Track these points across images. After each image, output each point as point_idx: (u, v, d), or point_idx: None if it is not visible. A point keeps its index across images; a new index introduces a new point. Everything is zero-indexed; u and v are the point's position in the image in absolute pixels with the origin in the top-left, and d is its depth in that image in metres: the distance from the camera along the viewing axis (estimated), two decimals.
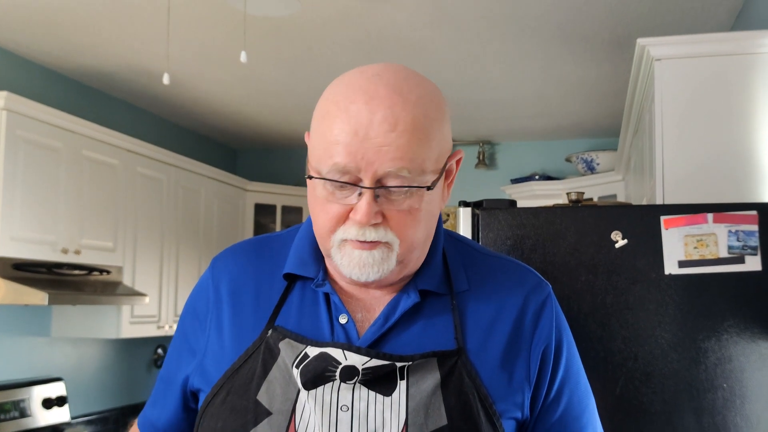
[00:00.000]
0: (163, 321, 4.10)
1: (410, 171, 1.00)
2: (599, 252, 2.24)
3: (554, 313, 1.15)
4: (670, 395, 2.16)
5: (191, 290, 1.22)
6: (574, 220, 2.28)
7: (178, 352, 1.18)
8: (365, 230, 1.02)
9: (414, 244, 1.06)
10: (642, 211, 2.27)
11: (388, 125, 0.98)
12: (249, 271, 1.15)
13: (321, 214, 1.05)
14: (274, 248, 1.18)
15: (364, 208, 1.00)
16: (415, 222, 1.04)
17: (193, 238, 4.44)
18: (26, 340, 3.63)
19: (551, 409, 1.12)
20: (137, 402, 4.47)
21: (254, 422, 1.03)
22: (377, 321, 1.08)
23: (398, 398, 1.03)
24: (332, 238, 1.05)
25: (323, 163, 1.02)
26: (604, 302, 2.21)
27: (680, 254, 2.21)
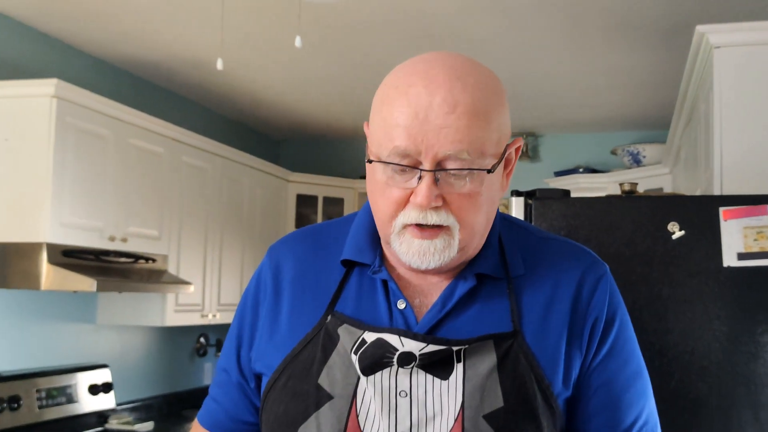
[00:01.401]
0: (206, 310, 4.12)
1: (470, 153, 1.00)
2: (655, 243, 2.20)
3: (608, 290, 1.14)
4: (727, 390, 2.11)
5: (242, 278, 1.24)
6: (630, 211, 2.24)
7: (237, 339, 1.20)
8: (426, 213, 1.02)
9: (474, 229, 1.06)
10: (700, 202, 2.22)
11: (448, 107, 0.99)
12: (308, 259, 1.17)
13: (381, 199, 1.05)
14: (331, 236, 1.20)
15: (424, 190, 1.00)
16: (475, 206, 1.04)
17: (237, 228, 4.45)
18: (72, 326, 3.67)
19: (591, 381, 1.10)
20: (180, 390, 4.51)
21: (316, 406, 1.04)
22: (435, 306, 1.09)
23: (455, 381, 1.04)
24: (393, 223, 1.05)
25: (383, 147, 1.02)
26: (660, 294, 2.17)
27: (739, 246, 2.16)
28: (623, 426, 1.12)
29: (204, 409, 1.25)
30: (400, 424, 1.02)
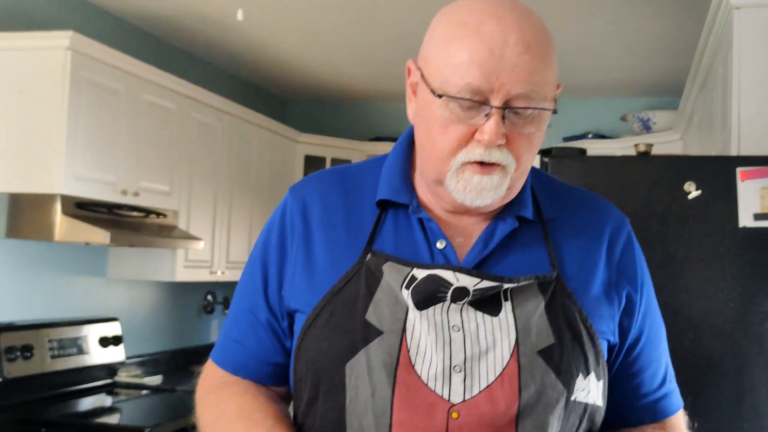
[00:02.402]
0: (215, 267, 4.14)
1: (538, 93, 1.02)
2: (672, 203, 2.20)
3: (636, 246, 1.20)
4: (740, 349, 2.13)
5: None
6: (646, 170, 2.25)
7: (263, 279, 1.19)
8: (491, 151, 1.04)
9: (526, 169, 1.09)
10: (717, 163, 2.22)
11: (522, 46, 1.01)
12: (336, 199, 1.18)
13: (441, 136, 1.06)
14: (357, 177, 1.21)
15: (492, 128, 1.02)
16: (531, 146, 1.07)
17: (246, 187, 4.46)
18: (83, 280, 3.69)
19: (636, 337, 1.17)
20: (187, 346, 4.54)
21: (364, 341, 1.05)
22: (476, 246, 1.11)
23: (506, 318, 1.06)
24: (453, 160, 1.06)
25: (451, 84, 1.02)
26: (676, 254, 2.18)
27: (756, 207, 2.17)
28: (658, 379, 1.19)
29: (222, 352, 1.23)
30: (454, 357, 1.03)
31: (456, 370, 1.03)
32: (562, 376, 1.04)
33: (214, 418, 1.16)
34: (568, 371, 1.05)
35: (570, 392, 1.05)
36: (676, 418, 1.21)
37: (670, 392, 1.21)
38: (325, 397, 1.07)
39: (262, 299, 1.19)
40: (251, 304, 1.20)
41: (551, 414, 1.03)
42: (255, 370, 1.20)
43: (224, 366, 1.22)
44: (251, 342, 1.20)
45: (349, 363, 1.05)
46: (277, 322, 1.18)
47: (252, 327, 1.19)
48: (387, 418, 1.02)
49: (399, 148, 1.20)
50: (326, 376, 1.07)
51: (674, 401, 1.21)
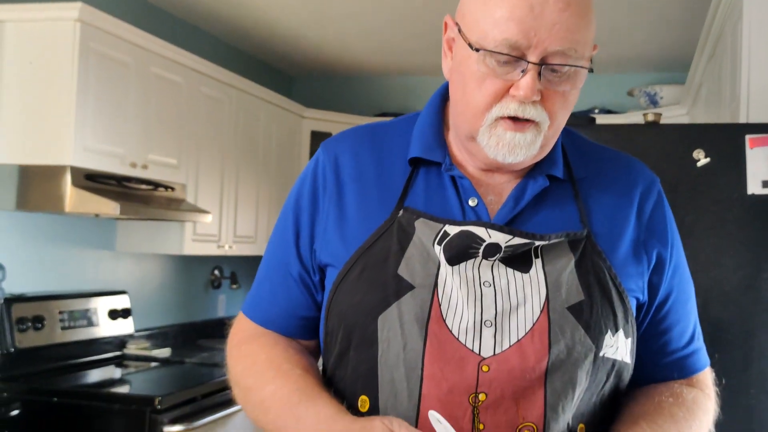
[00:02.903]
0: (223, 241, 4.16)
1: (575, 51, 1.03)
2: (681, 170, 2.21)
3: (666, 205, 1.21)
4: (748, 315, 2.15)
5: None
6: (655, 138, 2.25)
7: (295, 233, 1.20)
8: (525, 107, 1.05)
9: (559, 128, 1.10)
10: (726, 130, 2.23)
11: (563, 4, 1.02)
12: (368, 155, 1.19)
13: (476, 90, 1.07)
14: (387, 135, 1.22)
15: (528, 83, 1.03)
16: (566, 104, 1.08)
17: (252, 162, 4.47)
18: (92, 253, 3.71)
19: (665, 296, 1.18)
20: (195, 320, 4.57)
21: (396, 295, 1.07)
22: (507, 203, 1.12)
23: (536, 275, 1.07)
24: (486, 115, 1.07)
25: (489, 39, 1.03)
26: (684, 221, 2.19)
27: (764, 174, 2.17)
28: (686, 336, 1.21)
29: (253, 305, 1.25)
30: (485, 312, 1.05)
31: (487, 325, 1.04)
32: (591, 332, 1.06)
33: (245, 369, 1.18)
34: (597, 327, 1.06)
35: (599, 348, 1.06)
36: (703, 375, 1.22)
37: (698, 350, 1.22)
38: (356, 350, 1.09)
39: (293, 253, 1.20)
40: (283, 257, 1.21)
41: (580, 369, 1.05)
42: (285, 324, 1.22)
43: (255, 319, 1.24)
44: (282, 295, 1.21)
45: (381, 316, 1.07)
46: (309, 276, 1.19)
47: (283, 280, 1.21)
48: (418, 370, 1.04)
49: (432, 105, 1.21)
50: (358, 330, 1.08)
51: (701, 359, 1.22)
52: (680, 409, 1.14)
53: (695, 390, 1.19)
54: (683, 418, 1.13)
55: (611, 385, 1.11)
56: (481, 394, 1.03)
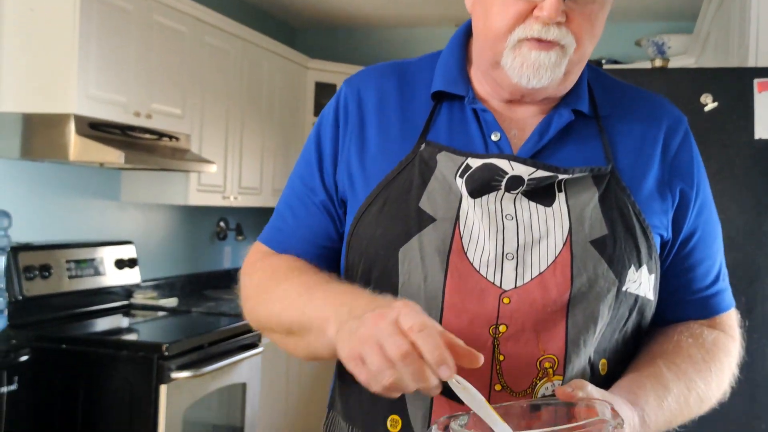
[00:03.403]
0: (228, 192, 4.16)
1: None
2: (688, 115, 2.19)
3: (692, 144, 1.19)
4: (752, 260, 2.15)
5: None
6: (663, 83, 2.23)
7: (318, 160, 1.19)
8: (549, 28, 1.03)
9: (585, 53, 1.08)
10: (734, 74, 2.21)
11: None
12: (391, 91, 1.18)
13: (499, 12, 1.05)
14: (412, 71, 1.21)
15: (552, 2, 1.01)
16: (592, 28, 1.06)
17: (257, 113, 4.45)
18: (97, 203, 3.72)
19: (689, 234, 1.16)
20: (200, 271, 4.59)
21: (418, 228, 1.06)
22: (531, 138, 1.11)
23: (559, 209, 1.06)
24: (509, 37, 1.05)
25: None
26: None
27: None
28: (711, 276, 1.19)
29: (272, 233, 1.22)
30: (507, 245, 1.04)
31: (508, 258, 1.04)
32: (614, 266, 1.05)
33: (266, 277, 1.15)
34: (620, 262, 1.06)
35: (621, 283, 1.06)
36: (727, 316, 1.21)
37: (723, 290, 1.20)
38: (377, 282, 1.08)
39: (318, 182, 1.18)
40: (306, 186, 1.20)
41: (602, 303, 1.04)
42: (305, 251, 1.19)
43: (274, 246, 1.21)
44: (304, 223, 1.19)
45: (402, 249, 1.06)
46: (332, 205, 1.18)
47: (306, 208, 1.19)
48: (439, 301, 1.04)
49: (454, 41, 1.20)
50: (379, 262, 1.08)
51: (726, 299, 1.21)
52: (699, 350, 1.13)
53: (716, 331, 1.18)
54: (702, 359, 1.12)
55: (634, 322, 1.11)
56: (501, 326, 1.03)
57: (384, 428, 1.08)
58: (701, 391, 1.11)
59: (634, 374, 1.08)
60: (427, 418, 1.05)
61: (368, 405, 1.10)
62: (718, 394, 1.15)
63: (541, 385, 1.03)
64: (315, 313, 1.02)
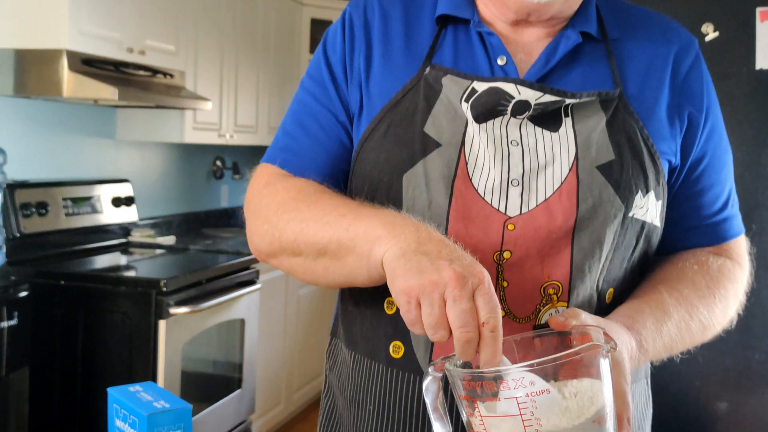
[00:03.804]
0: (223, 130, 4.14)
1: None
2: None
3: (703, 68, 1.17)
4: (751, 191, 2.15)
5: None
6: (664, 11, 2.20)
7: (333, 82, 1.15)
8: None
9: None
10: (736, 3, 2.17)
11: None
12: (396, 13, 1.15)
13: None
14: None
15: None
16: None
17: (252, 50, 4.39)
18: (93, 141, 3.70)
19: (698, 159, 1.14)
20: (198, 210, 4.59)
21: (423, 153, 1.04)
22: (538, 61, 1.08)
23: (566, 134, 1.05)
24: None
25: None
26: None
27: None
28: (720, 202, 1.17)
29: (282, 153, 1.15)
30: (512, 170, 1.03)
31: (513, 184, 1.03)
32: (621, 191, 1.04)
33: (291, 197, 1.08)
34: (627, 187, 1.04)
35: (628, 208, 1.04)
36: (735, 243, 1.19)
37: (731, 217, 1.19)
38: None
39: (334, 98, 1.14)
40: (320, 103, 1.15)
41: (608, 228, 1.03)
42: (323, 174, 1.13)
43: (286, 166, 1.14)
44: (319, 142, 1.14)
45: (406, 174, 1.04)
46: (349, 122, 1.14)
47: (321, 127, 1.14)
48: (443, 228, 1.02)
49: None
50: (383, 188, 1.06)
51: (734, 226, 1.19)
52: (704, 276, 1.12)
53: (722, 258, 1.16)
54: (706, 286, 1.11)
55: (641, 250, 1.09)
56: (506, 252, 1.02)
57: (386, 354, 1.08)
58: (704, 317, 1.10)
59: (633, 300, 1.07)
60: (430, 345, 1.05)
61: (371, 332, 1.10)
62: (723, 321, 1.14)
63: (545, 311, 1.03)
64: (362, 231, 0.95)
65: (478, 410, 0.83)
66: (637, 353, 0.99)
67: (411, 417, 1.07)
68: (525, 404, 0.80)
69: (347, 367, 1.15)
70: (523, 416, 0.80)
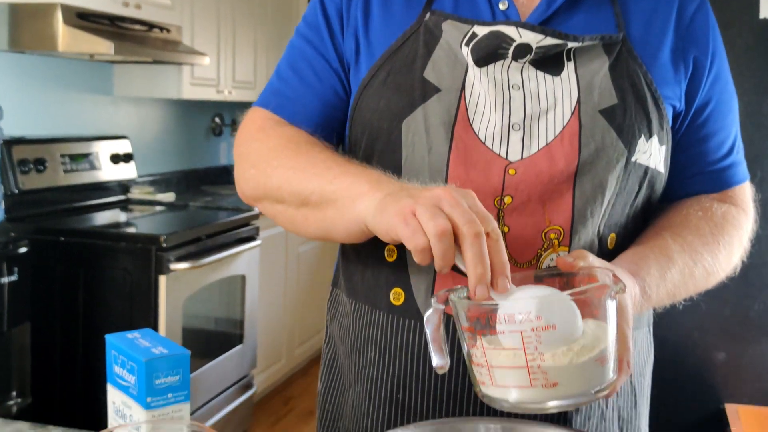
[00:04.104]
0: (222, 85, 4.10)
1: None
2: None
3: (709, 14, 1.15)
4: (752, 141, 2.13)
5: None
6: None
7: (328, 30, 1.13)
8: None
9: None
10: None
11: None
12: None
13: None
14: None
15: None
16: None
17: (249, 5, 4.34)
18: (90, 97, 3.67)
19: (703, 104, 1.12)
20: (197, 167, 4.58)
21: (422, 99, 1.03)
22: (540, 5, 1.06)
23: (568, 78, 1.03)
24: None
25: None
26: None
27: None
28: (724, 148, 1.16)
29: (276, 97, 1.14)
30: (513, 115, 1.01)
31: (515, 129, 1.01)
32: (624, 135, 1.02)
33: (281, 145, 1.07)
34: (630, 131, 1.03)
35: (631, 153, 1.03)
36: (740, 190, 1.18)
37: (736, 163, 1.17)
38: (380, 156, 1.06)
39: (329, 45, 1.12)
40: (315, 50, 1.13)
41: (610, 173, 1.02)
42: (316, 122, 1.12)
43: (280, 111, 1.13)
44: (313, 88, 1.12)
45: (406, 120, 1.03)
46: (343, 72, 1.13)
47: (315, 74, 1.12)
48: (443, 174, 1.01)
49: None
50: (383, 135, 1.05)
51: (739, 173, 1.18)
52: (708, 223, 1.11)
53: (727, 205, 1.15)
54: (710, 232, 1.10)
55: (644, 196, 1.09)
56: (506, 197, 1.01)
57: (387, 301, 1.08)
58: (708, 264, 1.09)
59: (638, 246, 1.06)
60: (430, 291, 1.04)
61: (371, 280, 1.10)
62: (726, 268, 1.13)
63: (546, 256, 1.02)
64: (347, 185, 0.95)
65: (481, 342, 0.83)
66: (641, 299, 0.99)
67: (412, 363, 1.07)
68: (529, 338, 0.80)
69: (348, 316, 1.15)
70: (526, 350, 0.80)
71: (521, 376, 0.81)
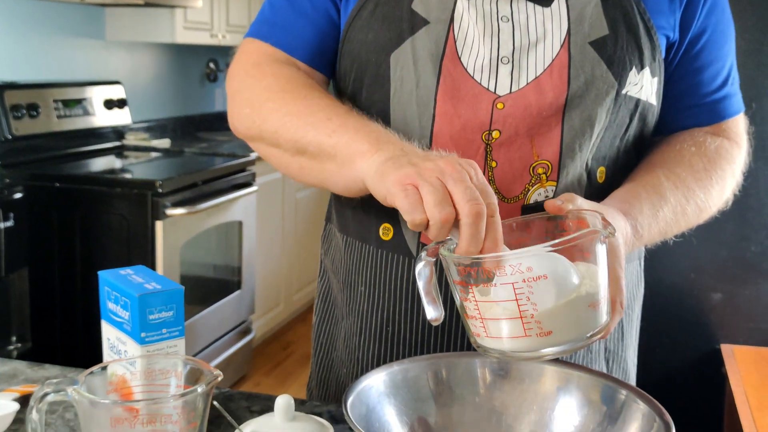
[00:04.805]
0: (215, 30, 4.05)
1: None
2: None
3: None
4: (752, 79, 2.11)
5: None
6: None
7: None
8: None
9: None
10: None
11: None
12: None
13: None
14: None
15: None
16: None
17: None
18: (82, 42, 3.62)
19: (698, 34, 1.09)
20: (192, 114, 4.54)
21: (410, 31, 1.01)
22: None
23: (558, 9, 1.01)
24: None
25: None
26: None
27: None
28: (719, 80, 1.13)
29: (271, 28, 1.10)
30: (502, 48, 1.00)
31: (503, 62, 1.00)
32: (614, 67, 1.00)
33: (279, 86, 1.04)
34: (621, 63, 1.01)
35: (621, 85, 1.01)
36: (734, 122, 1.15)
37: (731, 95, 1.15)
38: (368, 90, 1.05)
39: None
40: None
41: (600, 106, 1.01)
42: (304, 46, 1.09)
43: (276, 42, 1.09)
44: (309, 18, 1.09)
45: (394, 53, 1.02)
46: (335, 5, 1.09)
47: (311, 3, 1.09)
48: (431, 108, 1.00)
49: None
50: (371, 68, 1.04)
51: (734, 104, 1.15)
52: (701, 158, 1.09)
53: (720, 138, 1.13)
54: (703, 168, 1.09)
55: (635, 129, 1.07)
56: (494, 132, 1.00)
57: (376, 236, 1.08)
58: (700, 200, 1.08)
59: (630, 184, 1.05)
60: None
61: (362, 215, 1.10)
62: (719, 203, 1.12)
63: (534, 191, 1.01)
64: (346, 141, 0.93)
65: (473, 294, 0.82)
66: (633, 239, 0.98)
67: (401, 297, 1.07)
68: (521, 290, 0.79)
69: (340, 251, 1.15)
70: (518, 301, 0.80)
71: (515, 326, 0.80)
